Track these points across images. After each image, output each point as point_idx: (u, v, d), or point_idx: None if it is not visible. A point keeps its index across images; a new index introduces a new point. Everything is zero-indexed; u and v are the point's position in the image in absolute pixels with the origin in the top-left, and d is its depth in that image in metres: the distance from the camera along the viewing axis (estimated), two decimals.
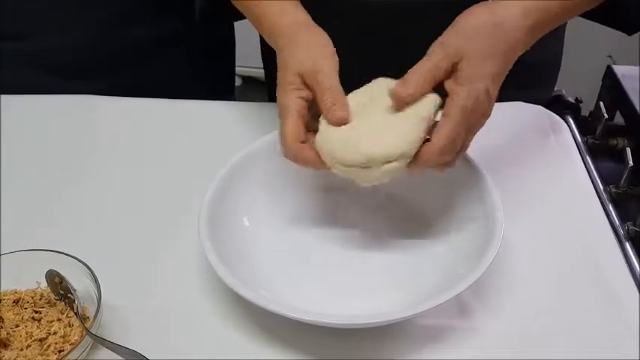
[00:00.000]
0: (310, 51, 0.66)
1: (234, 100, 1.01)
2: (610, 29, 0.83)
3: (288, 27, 0.70)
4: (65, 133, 0.86)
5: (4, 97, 0.90)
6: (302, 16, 0.71)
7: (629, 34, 0.78)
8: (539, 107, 0.87)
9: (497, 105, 0.61)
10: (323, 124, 0.64)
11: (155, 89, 0.91)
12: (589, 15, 0.74)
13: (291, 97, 0.65)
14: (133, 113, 0.89)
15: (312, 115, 0.66)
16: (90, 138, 0.85)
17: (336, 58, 0.66)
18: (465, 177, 0.68)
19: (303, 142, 0.64)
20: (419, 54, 0.63)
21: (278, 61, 0.69)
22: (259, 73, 1.02)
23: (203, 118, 0.88)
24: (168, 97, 0.91)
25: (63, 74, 0.95)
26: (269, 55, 1.03)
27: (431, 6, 0.79)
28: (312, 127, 0.65)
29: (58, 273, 0.61)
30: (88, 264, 0.61)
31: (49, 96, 0.91)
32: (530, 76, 0.86)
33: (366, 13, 0.76)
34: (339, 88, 0.64)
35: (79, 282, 0.61)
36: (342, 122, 0.63)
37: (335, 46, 0.67)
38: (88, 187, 0.78)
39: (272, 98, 0.70)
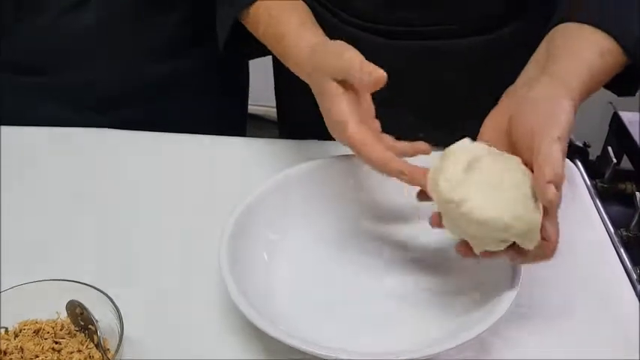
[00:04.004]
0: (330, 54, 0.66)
1: None
2: None
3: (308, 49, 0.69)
4: (81, 165, 0.87)
5: (19, 128, 0.91)
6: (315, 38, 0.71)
7: (619, 95, 0.76)
8: None
9: None
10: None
11: (168, 125, 0.92)
12: None
13: (337, 102, 0.64)
14: (150, 147, 0.90)
15: None
16: (106, 170, 0.86)
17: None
18: None
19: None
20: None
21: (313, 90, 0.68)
22: (263, 111, 1.02)
23: (218, 152, 0.89)
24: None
25: (79, 108, 0.97)
26: (282, 90, 1.05)
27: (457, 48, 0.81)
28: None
29: (80, 303, 0.61)
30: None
31: (65, 128, 0.91)
32: None
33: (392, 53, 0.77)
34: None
35: (97, 313, 0.61)
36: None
37: None
38: (109, 219, 0.79)
39: (282, 135, 0.70)
